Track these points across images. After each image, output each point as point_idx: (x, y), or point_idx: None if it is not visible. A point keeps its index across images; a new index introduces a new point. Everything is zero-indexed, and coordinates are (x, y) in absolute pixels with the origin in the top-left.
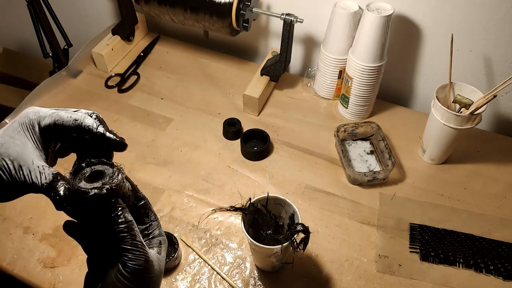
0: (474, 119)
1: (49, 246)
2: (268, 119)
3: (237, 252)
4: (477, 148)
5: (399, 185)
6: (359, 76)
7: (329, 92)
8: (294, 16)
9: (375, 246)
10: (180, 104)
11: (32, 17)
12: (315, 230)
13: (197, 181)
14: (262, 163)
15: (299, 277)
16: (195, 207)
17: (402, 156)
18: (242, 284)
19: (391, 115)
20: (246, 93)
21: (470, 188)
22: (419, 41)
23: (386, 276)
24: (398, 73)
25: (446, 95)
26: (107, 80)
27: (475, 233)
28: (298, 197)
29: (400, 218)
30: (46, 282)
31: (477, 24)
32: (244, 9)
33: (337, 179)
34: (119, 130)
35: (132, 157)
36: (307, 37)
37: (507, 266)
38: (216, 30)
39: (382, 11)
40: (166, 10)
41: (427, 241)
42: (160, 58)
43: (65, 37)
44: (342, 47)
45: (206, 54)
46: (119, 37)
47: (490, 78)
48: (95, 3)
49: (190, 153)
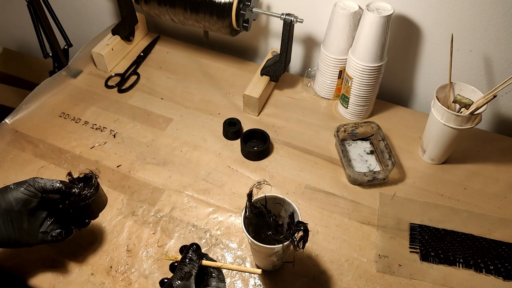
0: (474, 119)
1: (49, 246)
2: (268, 119)
3: (237, 252)
4: (477, 148)
5: (399, 185)
6: (359, 76)
7: (329, 92)
8: (294, 16)
9: (375, 246)
10: (180, 104)
11: (32, 17)
12: (315, 230)
13: (197, 181)
14: (262, 163)
15: (299, 277)
16: (195, 207)
17: (402, 156)
18: (242, 284)
19: (391, 115)
20: (246, 93)
21: (470, 188)
22: (419, 41)
23: (386, 276)
24: (398, 73)
25: (446, 95)
26: (107, 80)
27: (475, 233)
28: (298, 197)
29: (400, 218)
30: (46, 282)
31: (477, 24)
32: (244, 9)
33: (337, 179)
34: (119, 130)
35: (132, 157)
36: (307, 37)
37: (507, 266)
38: (216, 30)
39: (382, 11)
40: (166, 10)
41: (427, 241)
42: (160, 58)
43: (65, 37)
44: (342, 47)
45: (206, 54)
46: (119, 37)
47: (490, 78)
48: (95, 3)
49: (190, 153)
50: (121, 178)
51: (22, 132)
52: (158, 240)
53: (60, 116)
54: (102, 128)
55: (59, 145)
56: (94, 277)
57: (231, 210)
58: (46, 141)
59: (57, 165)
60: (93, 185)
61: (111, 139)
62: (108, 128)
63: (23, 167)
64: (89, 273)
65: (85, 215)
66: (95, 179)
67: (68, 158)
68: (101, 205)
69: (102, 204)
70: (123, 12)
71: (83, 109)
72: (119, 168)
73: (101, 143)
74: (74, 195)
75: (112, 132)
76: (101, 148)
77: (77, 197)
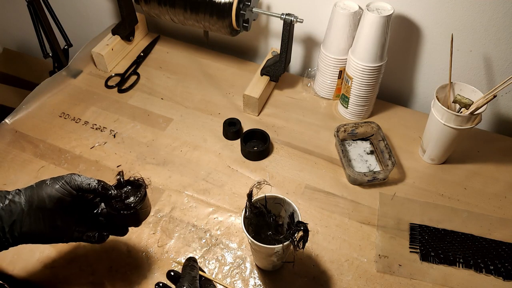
0: (474, 119)
1: (49, 246)
2: (268, 119)
3: (237, 252)
4: (477, 148)
5: (399, 185)
6: (359, 76)
7: (329, 92)
8: (294, 16)
9: (375, 246)
10: (180, 104)
11: (32, 17)
12: (315, 230)
13: (197, 181)
14: (262, 163)
15: (299, 277)
16: (195, 207)
17: (402, 156)
18: (242, 284)
19: (391, 115)
20: (246, 93)
21: (470, 188)
22: (419, 41)
23: (386, 276)
24: (398, 73)
25: (446, 95)
26: (107, 80)
27: (475, 233)
28: (298, 197)
29: (400, 218)
30: (46, 282)
31: (477, 24)
32: (244, 9)
33: (337, 179)
34: (119, 130)
35: (132, 157)
36: (307, 37)
37: (507, 266)
38: (216, 30)
39: (382, 11)
40: (166, 10)
41: (427, 241)
42: (160, 58)
43: (65, 37)
44: (342, 47)
45: (206, 54)
46: (119, 37)
47: (490, 78)
48: (95, 3)
49: (190, 153)
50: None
51: (22, 132)
52: (158, 240)
53: (60, 116)
54: (102, 128)
55: (59, 145)
56: (94, 277)
57: (231, 210)
58: (46, 141)
59: (57, 165)
60: (139, 195)
61: (111, 139)
62: (108, 128)
63: (23, 167)
64: (89, 273)
65: (123, 223)
66: (143, 189)
67: (68, 158)
68: (142, 217)
69: (144, 215)
70: (123, 12)
71: (83, 109)
72: (119, 168)
73: (101, 143)
74: (116, 201)
75: (112, 132)
76: (101, 148)
77: (118, 203)
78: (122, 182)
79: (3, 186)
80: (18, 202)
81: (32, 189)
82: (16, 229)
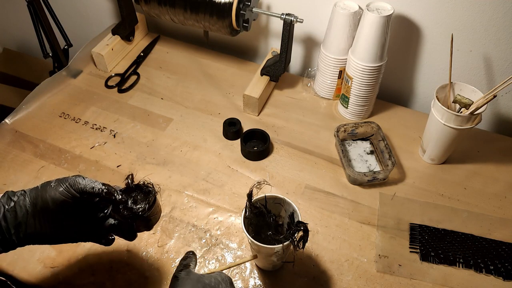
0: (474, 119)
1: (49, 246)
2: (268, 119)
3: (237, 252)
4: (477, 148)
5: (399, 185)
6: (359, 76)
7: (329, 92)
8: (294, 16)
9: (375, 246)
10: (180, 104)
11: (32, 17)
12: (315, 230)
13: (197, 181)
14: (262, 163)
15: (299, 277)
16: (195, 207)
17: (402, 156)
18: (242, 284)
19: (391, 115)
20: (246, 93)
21: (470, 188)
22: (419, 41)
23: (386, 276)
24: (398, 73)
25: (446, 95)
26: (107, 80)
27: (475, 233)
28: (298, 197)
29: (400, 218)
30: (46, 282)
31: (477, 24)
32: (244, 9)
33: (337, 179)
34: (119, 130)
35: (132, 157)
36: (307, 37)
37: (507, 266)
38: (216, 30)
39: (382, 11)
40: (166, 10)
41: (427, 241)
42: (160, 58)
43: (65, 37)
44: (342, 47)
45: (206, 54)
46: (119, 37)
47: (490, 78)
48: (95, 3)
49: (190, 153)
50: (121, 178)
51: (22, 132)
52: (158, 240)
53: (60, 116)
54: (102, 128)
55: (59, 145)
56: (95, 277)
57: (231, 210)
58: (46, 141)
59: (57, 165)
60: (148, 202)
61: (111, 139)
62: (108, 128)
63: (23, 167)
64: (90, 273)
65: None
66: (153, 196)
67: (68, 158)
68: (152, 222)
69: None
70: (123, 12)
71: (83, 109)
72: (119, 168)
73: (101, 143)
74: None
75: (112, 132)
76: (101, 148)
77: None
78: (131, 186)
79: (3, 186)
80: (23, 203)
81: (36, 191)
82: (21, 230)
